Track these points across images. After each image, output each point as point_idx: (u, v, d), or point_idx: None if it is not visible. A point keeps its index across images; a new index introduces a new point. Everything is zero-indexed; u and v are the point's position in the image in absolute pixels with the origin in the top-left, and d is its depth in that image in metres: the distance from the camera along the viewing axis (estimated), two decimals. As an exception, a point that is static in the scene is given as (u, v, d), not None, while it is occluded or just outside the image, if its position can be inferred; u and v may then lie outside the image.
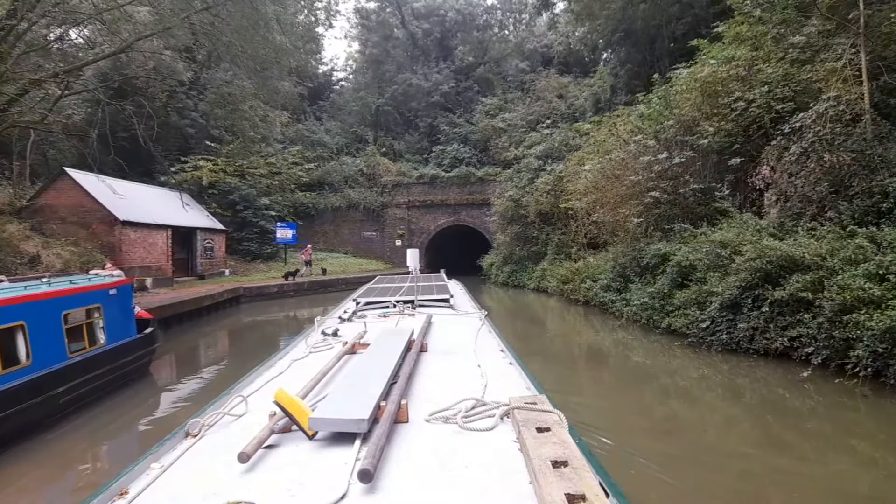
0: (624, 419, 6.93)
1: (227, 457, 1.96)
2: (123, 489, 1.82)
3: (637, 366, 9.48)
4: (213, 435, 2.29)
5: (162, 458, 2.06)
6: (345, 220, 32.76)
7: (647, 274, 12.23)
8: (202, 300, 15.68)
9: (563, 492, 1.46)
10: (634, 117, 13.69)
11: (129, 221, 17.51)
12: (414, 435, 2.17)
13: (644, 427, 6.57)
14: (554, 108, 30.88)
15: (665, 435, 6.33)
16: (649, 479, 4.79)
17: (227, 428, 2.36)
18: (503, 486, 1.71)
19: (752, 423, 6.67)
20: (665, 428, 6.61)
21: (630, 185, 12.55)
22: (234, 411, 2.49)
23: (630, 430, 6.43)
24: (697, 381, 8.42)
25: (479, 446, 2.02)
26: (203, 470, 1.94)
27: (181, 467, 1.98)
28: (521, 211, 22.17)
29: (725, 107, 12.57)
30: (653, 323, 10.91)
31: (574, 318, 14.96)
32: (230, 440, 2.15)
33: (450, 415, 2.31)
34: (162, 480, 1.87)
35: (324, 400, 2.45)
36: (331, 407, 2.22)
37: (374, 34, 38.18)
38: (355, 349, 3.72)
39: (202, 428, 2.30)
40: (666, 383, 8.42)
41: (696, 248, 10.20)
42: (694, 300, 9.72)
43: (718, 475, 5.06)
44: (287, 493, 1.70)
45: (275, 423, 2.18)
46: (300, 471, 1.86)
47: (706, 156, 12.47)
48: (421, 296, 6.17)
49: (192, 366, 10.53)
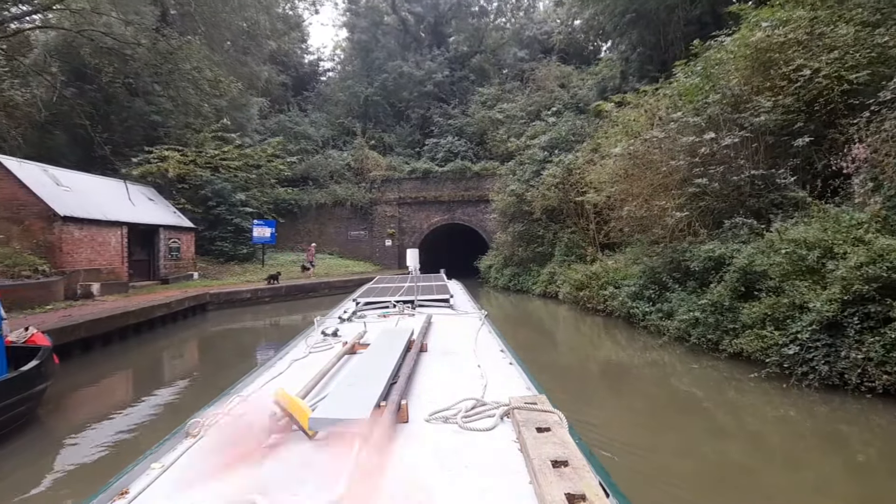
0: (670, 466, 5.23)
1: (227, 457, 1.93)
2: (123, 489, 1.82)
3: (686, 400, 7.26)
4: (212, 435, 2.22)
5: (162, 458, 2.06)
6: (330, 217, 30.33)
7: (690, 280, 9.99)
8: (154, 310, 13.20)
9: (563, 492, 1.45)
10: (672, 90, 11.42)
11: (72, 217, 14.98)
12: (414, 435, 2.16)
13: (696, 479, 4.95)
14: (556, 98, 28.70)
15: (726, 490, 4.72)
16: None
17: (227, 428, 2.25)
18: (503, 486, 1.70)
19: (863, 486, 4.73)
20: (726, 482, 4.93)
21: (668, 172, 10.30)
22: (233, 411, 2.38)
23: (679, 480, 4.87)
24: (776, 424, 6.22)
25: (479, 446, 2.02)
26: (203, 470, 1.89)
27: (181, 467, 1.97)
28: (525, 207, 19.87)
29: (783, 77, 10.37)
30: (707, 344, 8.66)
31: (593, 332, 12.69)
32: (230, 440, 2.08)
33: (450, 415, 2.30)
34: (162, 480, 1.87)
35: (324, 400, 2.45)
36: (331, 407, 2.22)
37: (362, 19, 35.71)
38: (355, 349, 3.69)
39: (202, 428, 2.27)
40: (725, 424, 6.38)
41: (769, 250, 7.96)
42: (769, 317, 7.48)
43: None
44: (287, 493, 1.70)
45: (275, 423, 2.16)
46: (300, 471, 1.87)
47: (760, 136, 10.27)
48: (421, 296, 6.15)
49: (115, 401, 8.08)
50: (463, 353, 3.63)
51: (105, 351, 10.94)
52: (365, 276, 22.71)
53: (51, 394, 7.24)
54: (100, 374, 9.66)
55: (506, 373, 3.15)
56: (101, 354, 10.69)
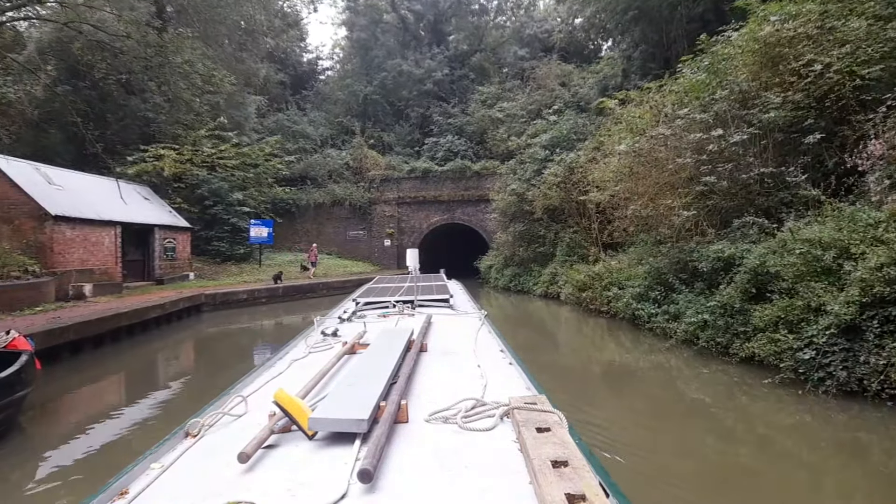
0: (670, 467, 5.11)
1: (227, 457, 1.93)
2: (123, 489, 1.80)
3: (693, 404, 6.98)
4: (212, 435, 2.26)
5: (162, 458, 2.03)
6: (329, 217, 30.02)
7: (697, 281, 9.70)
8: (147, 311, 12.90)
9: (563, 492, 1.45)
10: (678, 86, 11.11)
11: (64, 216, 14.66)
12: (414, 435, 2.14)
13: (700, 481, 4.87)
14: (557, 97, 28.41)
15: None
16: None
17: (227, 428, 2.32)
18: (503, 486, 1.68)
19: (888, 497, 4.49)
20: (734, 486, 4.78)
21: (674, 171, 10.00)
22: (233, 411, 2.46)
23: (682, 482, 4.79)
24: (790, 431, 5.95)
25: (478, 446, 2.00)
26: (203, 470, 1.91)
27: (181, 467, 1.95)
28: (526, 206, 19.57)
29: (793, 73, 10.08)
30: (717, 347, 8.37)
31: (596, 334, 12.40)
32: (230, 440, 2.12)
33: (449, 415, 2.27)
34: (162, 480, 1.86)
35: (323, 400, 2.43)
36: (330, 407, 2.20)
37: (361, 17, 35.38)
38: (355, 349, 3.67)
39: (202, 428, 2.26)
40: (735, 429, 6.12)
41: (782, 250, 7.67)
42: (782, 319, 7.19)
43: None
44: (287, 494, 1.68)
45: (274, 423, 2.16)
46: (300, 471, 1.85)
47: (769, 133, 9.98)
48: (420, 296, 6.13)
49: (102, 407, 7.77)
50: (463, 353, 3.62)
51: (96, 354, 10.63)
52: (364, 276, 22.41)
53: (34, 400, 6.95)
54: (89, 379, 9.36)
55: (506, 373, 3.14)
56: (91, 358, 10.38)
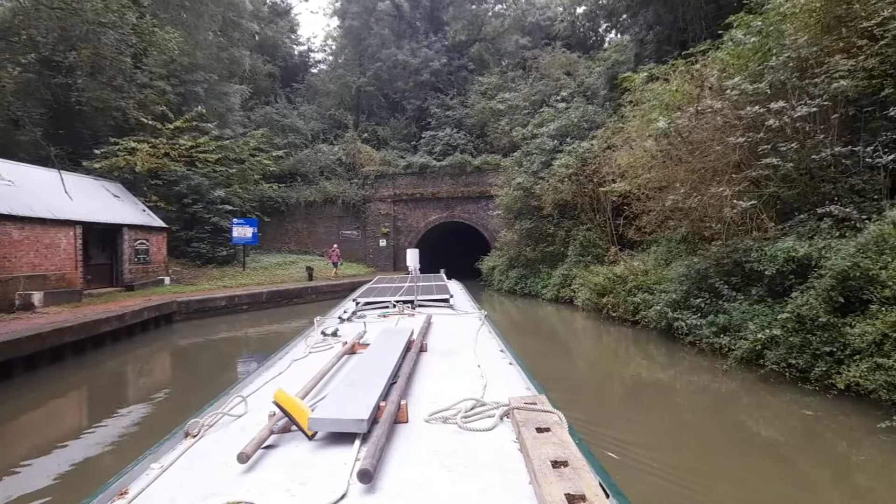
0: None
1: (227, 457, 1.93)
2: (123, 489, 1.79)
3: (765, 446, 5.22)
4: (212, 435, 2.25)
5: (162, 458, 2.03)
6: (321, 216, 28.26)
7: (753, 286, 7.97)
8: (100, 324, 11.09)
9: (563, 492, 1.43)
10: (726, 51, 9.33)
11: (8, 215, 12.85)
12: (413, 435, 2.13)
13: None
14: (562, 86, 26.69)
15: None
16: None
17: (227, 428, 2.32)
18: (503, 486, 1.67)
19: None
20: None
21: (722, 153, 8.26)
22: (233, 411, 2.45)
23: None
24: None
25: (478, 446, 1.99)
26: (203, 470, 1.91)
27: (181, 467, 1.95)
28: (533, 202, 17.82)
29: (863, 34, 8.38)
30: (791, 371, 6.63)
31: (620, 346, 10.66)
32: (230, 440, 2.12)
33: (449, 415, 2.27)
34: (162, 480, 1.85)
35: (323, 400, 2.42)
36: (330, 407, 2.19)
37: (354, 5, 33.59)
38: (355, 349, 3.66)
39: (202, 428, 2.25)
40: (820, 480, 4.40)
41: (883, 247, 5.94)
42: (889, 339, 5.46)
43: None
44: (287, 494, 1.67)
45: (274, 424, 2.15)
46: (300, 471, 1.84)
47: (837, 106, 8.26)
48: (421, 296, 6.15)
49: (14, 448, 5.96)
50: (463, 353, 3.58)
51: (28, 378, 8.86)
52: (357, 279, 20.65)
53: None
54: (6, 412, 7.56)
55: (506, 373, 3.10)
56: (22, 381, 8.62)
